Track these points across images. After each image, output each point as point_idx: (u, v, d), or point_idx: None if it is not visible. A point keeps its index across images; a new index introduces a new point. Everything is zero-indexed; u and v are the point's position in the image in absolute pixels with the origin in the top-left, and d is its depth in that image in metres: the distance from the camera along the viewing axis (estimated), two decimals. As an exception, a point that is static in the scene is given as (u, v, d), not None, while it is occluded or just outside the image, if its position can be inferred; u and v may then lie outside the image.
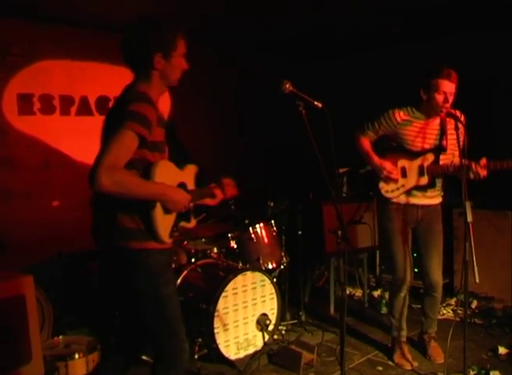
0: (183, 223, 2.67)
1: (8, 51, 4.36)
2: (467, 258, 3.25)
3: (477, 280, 3.18)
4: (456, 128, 3.39)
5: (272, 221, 4.76)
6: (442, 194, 3.91)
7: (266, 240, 4.68)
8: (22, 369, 3.47)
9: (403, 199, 3.80)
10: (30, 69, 4.65)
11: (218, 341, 3.90)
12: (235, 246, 4.60)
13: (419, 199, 3.80)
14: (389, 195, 3.81)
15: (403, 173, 3.79)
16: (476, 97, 5.16)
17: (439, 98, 3.52)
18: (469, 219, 3.26)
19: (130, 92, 2.47)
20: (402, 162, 3.80)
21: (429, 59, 3.84)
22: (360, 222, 5.04)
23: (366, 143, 3.89)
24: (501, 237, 4.95)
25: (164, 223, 2.47)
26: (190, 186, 2.74)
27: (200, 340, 3.94)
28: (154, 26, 2.51)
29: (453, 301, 5.06)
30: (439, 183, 3.83)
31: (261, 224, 4.68)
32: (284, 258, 4.71)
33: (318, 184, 3.30)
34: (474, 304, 4.97)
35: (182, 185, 2.64)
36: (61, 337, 4.04)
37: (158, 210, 2.42)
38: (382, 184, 3.83)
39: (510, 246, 4.91)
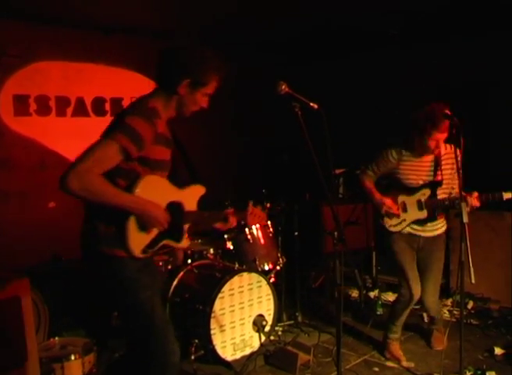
0: (170, 242, 2.64)
1: (4, 51, 4.36)
2: (463, 258, 3.28)
3: (473, 281, 3.22)
4: (456, 158, 3.41)
5: (269, 222, 4.76)
6: (445, 223, 4.00)
7: (262, 241, 4.69)
8: (17, 371, 3.47)
9: (406, 230, 3.94)
10: (26, 70, 4.65)
11: (214, 342, 3.90)
12: (231, 247, 4.61)
13: (421, 232, 3.94)
14: (392, 229, 3.97)
15: (404, 208, 3.93)
16: (473, 98, 5.19)
17: (432, 144, 3.68)
18: (465, 219, 3.31)
19: (140, 103, 2.50)
20: (402, 198, 3.94)
21: (423, 63, 3.87)
22: (356, 223, 5.05)
23: (368, 182, 4.04)
24: (497, 237, 4.98)
25: (137, 237, 2.46)
26: (190, 207, 2.72)
27: (196, 341, 3.94)
28: (197, 56, 2.55)
29: (449, 301, 5.07)
30: (439, 216, 3.92)
31: (258, 225, 4.67)
32: (280, 259, 4.71)
33: (314, 185, 3.32)
34: (470, 304, 4.99)
35: (174, 204, 2.62)
36: (57, 338, 4.03)
37: (132, 223, 2.42)
38: (386, 220, 3.98)
39: (506, 247, 4.93)
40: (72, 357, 3.71)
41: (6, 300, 2.98)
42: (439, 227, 3.95)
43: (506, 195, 3.64)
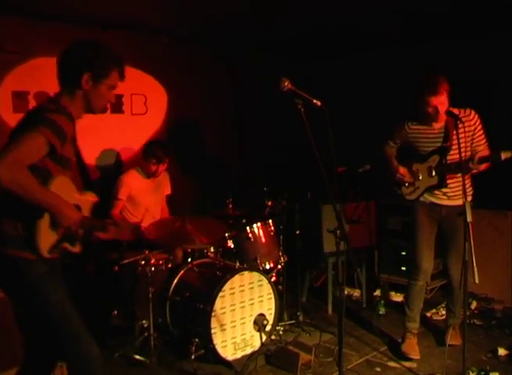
0: (67, 245, 2.60)
1: (3, 48, 4.34)
2: (466, 258, 3.27)
3: (476, 281, 3.21)
4: (456, 127, 3.54)
5: (270, 220, 4.77)
6: (470, 194, 4.00)
7: (264, 239, 4.68)
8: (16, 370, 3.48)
9: (428, 199, 4.04)
10: (24, 67, 4.62)
11: (215, 342, 3.90)
12: (232, 246, 4.61)
13: (440, 200, 4.01)
14: (409, 198, 4.12)
15: (417, 176, 4.07)
16: (475, 97, 5.16)
17: (431, 111, 3.81)
18: (469, 218, 3.32)
19: (52, 102, 2.48)
20: (416, 166, 4.08)
21: (423, 63, 3.94)
22: (358, 221, 5.05)
23: (389, 151, 4.25)
24: (501, 236, 4.97)
25: (46, 237, 2.43)
26: (84, 213, 2.67)
27: (197, 340, 3.94)
28: (93, 49, 2.56)
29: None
30: (455, 183, 3.91)
31: (259, 224, 4.69)
32: (282, 258, 4.71)
33: (316, 184, 3.30)
34: (474, 305, 4.99)
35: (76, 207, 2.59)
36: (56, 337, 4.04)
37: (45, 221, 2.38)
38: (403, 189, 4.15)
39: (509, 246, 4.93)
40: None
41: (5, 298, 2.97)
42: (458, 196, 3.90)
43: (505, 155, 3.64)
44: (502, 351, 4.07)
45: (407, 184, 4.09)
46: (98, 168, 5.16)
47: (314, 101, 2.80)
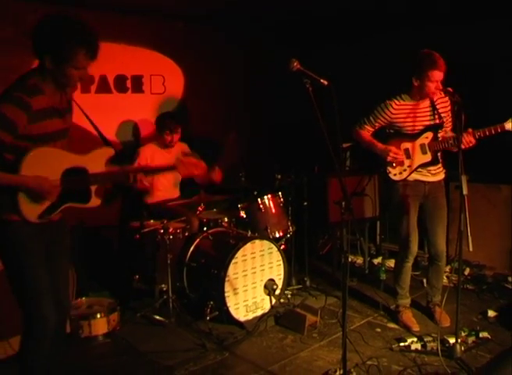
0: (75, 204, 2.63)
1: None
2: (462, 228, 3.26)
3: (470, 249, 3.24)
4: (453, 104, 3.47)
5: (280, 193, 4.77)
6: (445, 171, 3.94)
7: (274, 210, 4.69)
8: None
9: (413, 177, 3.83)
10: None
11: (228, 304, 3.93)
12: (244, 216, 4.61)
13: (425, 176, 3.84)
14: (397, 178, 3.84)
15: (408, 155, 3.82)
16: (474, 78, 5.06)
17: (432, 86, 3.60)
18: (464, 191, 3.31)
19: (17, 82, 2.43)
20: (405, 145, 3.83)
21: (425, 46, 3.76)
22: (362, 194, 5.03)
23: (366, 135, 3.95)
24: (493, 209, 4.94)
25: (30, 207, 2.46)
26: (96, 169, 2.66)
27: (211, 303, 3.98)
28: (55, 30, 2.39)
29: (447, 268, 5.03)
30: (440, 159, 3.85)
31: (269, 195, 4.69)
32: (290, 228, 4.73)
33: (322, 158, 3.28)
34: (467, 271, 4.98)
35: (75, 170, 2.58)
36: (84, 298, 4.11)
37: (21, 195, 2.42)
38: (389, 169, 3.86)
39: (502, 218, 4.90)
40: (98, 315, 3.81)
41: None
42: (440, 171, 3.88)
43: (508, 125, 3.53)
44: (491, 313, 4.09)
45: (394, 164, 3.79)
46: (121, 143, 5.15)
47: (322, 80, 2.77)
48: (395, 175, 3.85)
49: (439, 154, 3.83)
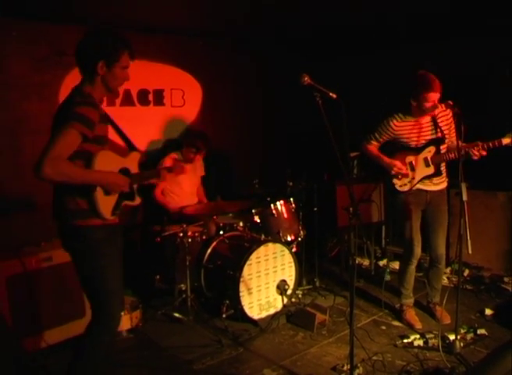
0: (127, 202, 2.75)
1: (65, 51, 4.42)
2: (461, 232, 3.29)
3: (470, 252, 3.28)
4: (455, 117, 3.49)
5: (291, 199, 4.80)
6: (447, 180, 3.99)
7: (286, 215, 4.73)
8: (77, 323, 3.63)
9: (416, 186, 3.89)
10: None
11: (243, 303, 3.97)
12: (258, 220, 4.65)
13: (427, 186, 3.90)
14: (402, 189, 3.92)
15: (412, 168, 3.89)
16: (471, 89, 5.08)
17: (429, 106, 3.65)
18: (464, 198, 3.36)
19: (78, 93, 2.55)
20: (409, 159, 3.90)
21: (422, 64, 3.78)
22: (368, 200, 5.05)
23: (373, 149, 4.03)
24: (491, 214, 4.98)
25: (105, 203, 2.56)
26: (133, 170, 2.79)
27: (227, 302, 4.03)
28: (102, 38, 2.59)
29: (448, 270, 5.06)
30: (443, 171, 3.91)
31: (282, 201, 4.73)
32: (301, 232, 4.76)
33: (332, 167, 3.33)
34: (466, 272, 5.01)
35: (123, 170, 2.70)
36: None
37: (99, 192, 2.53)
38: (395, 181, 3.93)
39: (498, 222, 4.95)
40: (122, 313, 3.83)
41: (67, 264, 3.09)
42: (442, 181, 3.93)
43: (505, 140, 3.57)
44: (488, 312, 4.13)
45: (399, 176, 3.88)
46: (147, 153, 5.23)
47: (331, 93, 2.81)
48: (400, 186, 3.92)
49: (442, 165, 3.89)
